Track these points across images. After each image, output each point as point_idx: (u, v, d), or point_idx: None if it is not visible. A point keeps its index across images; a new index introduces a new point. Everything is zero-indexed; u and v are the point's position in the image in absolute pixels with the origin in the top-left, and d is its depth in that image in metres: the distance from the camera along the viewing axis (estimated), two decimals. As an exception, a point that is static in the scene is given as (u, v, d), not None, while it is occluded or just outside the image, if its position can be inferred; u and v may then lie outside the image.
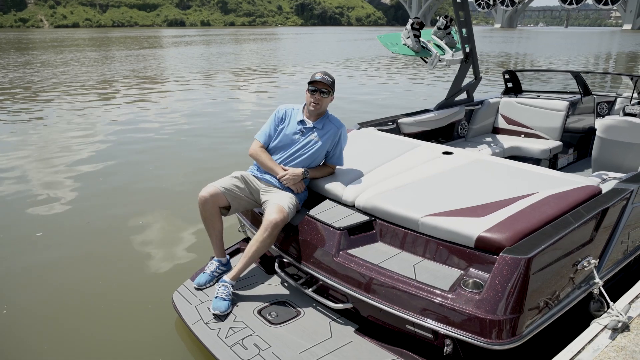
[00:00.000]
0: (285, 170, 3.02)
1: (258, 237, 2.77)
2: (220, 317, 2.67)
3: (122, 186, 5.65)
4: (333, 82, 3.07)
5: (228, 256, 3.22)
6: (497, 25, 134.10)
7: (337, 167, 3.19)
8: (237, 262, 2.92)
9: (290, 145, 3.09)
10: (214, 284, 3.01)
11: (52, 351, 2.81)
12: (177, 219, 4.70)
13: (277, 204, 2.83)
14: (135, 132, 8.38)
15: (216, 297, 2.76)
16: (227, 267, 3.13)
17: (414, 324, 2.26)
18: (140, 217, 4.75)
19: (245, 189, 3.07)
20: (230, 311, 2.71)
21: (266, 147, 3.16)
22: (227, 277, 2.84)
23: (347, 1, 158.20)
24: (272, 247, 2.94)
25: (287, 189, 3.03)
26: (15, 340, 2.90)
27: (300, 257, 2.73)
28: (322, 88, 3.02)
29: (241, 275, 2.92)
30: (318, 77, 3.01)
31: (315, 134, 3.07)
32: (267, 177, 3.09)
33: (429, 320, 2.14)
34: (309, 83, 3.04)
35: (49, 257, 3.92)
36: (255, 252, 2.78)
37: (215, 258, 3.12)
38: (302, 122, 3.10)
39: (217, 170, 6.00)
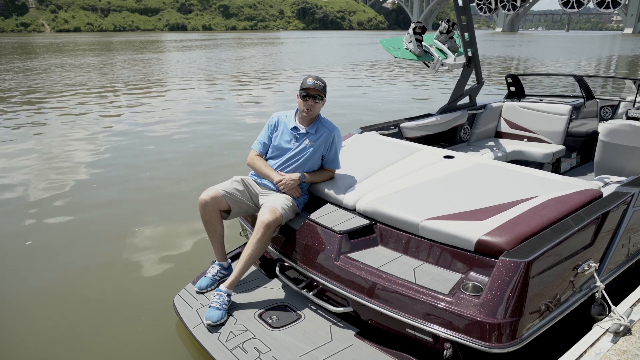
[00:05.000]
0: (282, 175, 3.03)
1: (252, 240, 2.78)
2: (214, 327, 2.66)
3: (120, 190, 5.65)
4: (325, 87, 3.06)
5: (230, 260, 3.23)
6: (499, 29, 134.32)
7: (338, 171, 3.20)
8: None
9: (285, 152, 3.10)
10: (215, 287, 3.01)
11: (52, 355, 2.81)
12: (178, 222, 4.70)
13: (270, 205, 2.84)
14: (133, 137, 8.38)
15: (210, 307, 2.75)
16: (228, 270, 3.13)
17: (414, 328, 2.26)
18: (140, 221, 4.75)
19: (245, 193, 3.08)
20: (225, 320, 2.70)
21: (263, 156, 3.18)
22: (223, 286, 2.83)
23: (349, 5, 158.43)
24: (273, 250, 2.95)
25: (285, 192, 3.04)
26: (15, 344, 2.90)
27: (301, 261, 2.73)
28: (314, 94, 3.01)
29: (241, 279, 2.92)
30: (310, 82, 2.99)
31: (309, 139, 3.07)
32: (266, 181, 3.11)
33: (429, 324, 2.14)
34: (301, 89, 3.02)
35: (46, 263, 3.92)
36: (250, 256, 2.78)
37: (217, 262, 3.13)
38: (295, 128, 3.10)
39: (216, 173, 6.03)
